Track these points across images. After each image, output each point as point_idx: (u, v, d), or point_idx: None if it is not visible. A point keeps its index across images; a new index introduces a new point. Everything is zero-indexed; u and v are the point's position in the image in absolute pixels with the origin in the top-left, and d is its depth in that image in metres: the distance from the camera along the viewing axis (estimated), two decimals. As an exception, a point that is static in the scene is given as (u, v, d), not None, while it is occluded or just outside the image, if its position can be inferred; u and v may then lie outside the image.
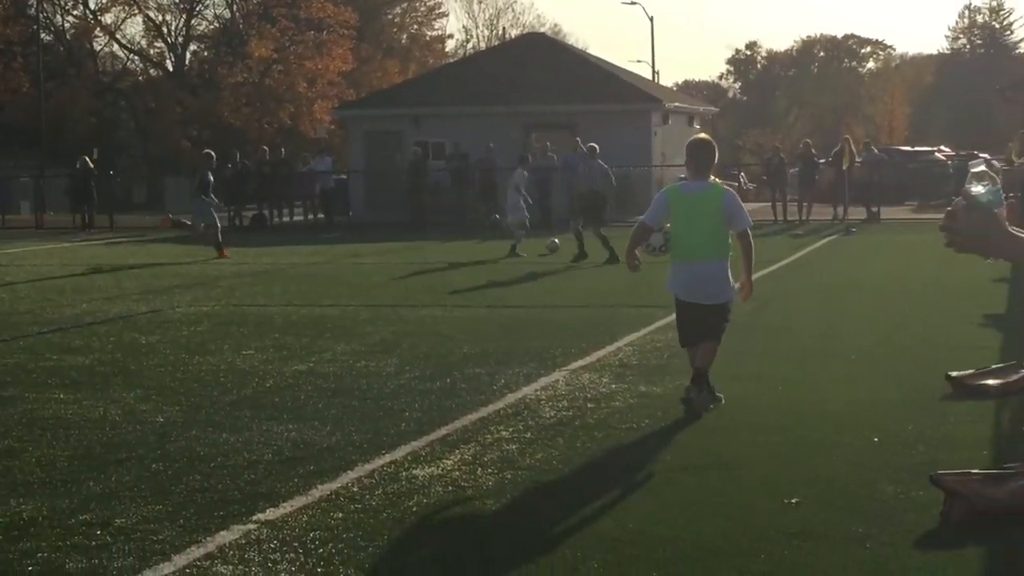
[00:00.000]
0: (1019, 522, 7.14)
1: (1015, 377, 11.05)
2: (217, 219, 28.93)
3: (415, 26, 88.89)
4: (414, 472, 8.68)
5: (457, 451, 9.27)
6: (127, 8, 70.92)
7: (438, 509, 7.80)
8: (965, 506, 7.18)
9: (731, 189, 11.01)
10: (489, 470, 8.70)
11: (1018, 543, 6.92)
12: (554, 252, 26.86)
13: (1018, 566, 6.61)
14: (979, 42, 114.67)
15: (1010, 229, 3.34)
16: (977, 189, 3.36)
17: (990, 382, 10.94)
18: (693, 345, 10.76)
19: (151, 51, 75.47)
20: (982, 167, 3.39)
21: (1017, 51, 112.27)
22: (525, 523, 7.52)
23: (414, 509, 7.79)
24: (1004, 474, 7.56)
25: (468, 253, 28.41)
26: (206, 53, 76.14)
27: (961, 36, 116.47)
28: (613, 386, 11.68)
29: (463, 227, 37.44)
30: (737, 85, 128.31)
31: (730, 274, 10.69)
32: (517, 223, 27.87)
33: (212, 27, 75.92)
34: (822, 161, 40.01)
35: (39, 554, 7.00)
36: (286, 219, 42.56)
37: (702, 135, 11.33)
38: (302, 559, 6.85)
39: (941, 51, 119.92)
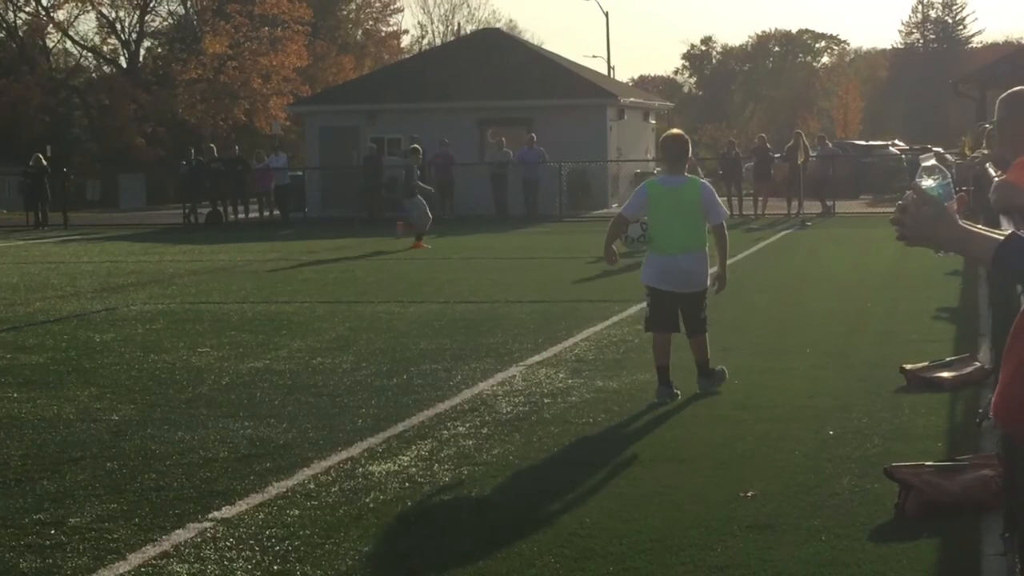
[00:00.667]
0: (972, 514, 7.20)
1: (968, 370, 11.13)
2: (428, 211, 28.94)
3: (370, 22, 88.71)
4: (370, 468, 8.67)
5: (414, 447, 9.26)
6: (80, 5, 70.42)
7: (395, 505, 7.79)
8: (919, 498, 7.22)
9: (708, 183, 11.44)
10: (446, 466, 8.70)
11: (970, 535, 6.97)
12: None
13: (970, 558, 6.66)
14: (932, 37, 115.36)
15: (960, 223, 3.37)
16: (927, 183, 3.38)
17: (944, 375, 11.01)
18: (661, 331, 10.98)
19: (104, 48, 74.97)
20: (932, 161, 3.41)
21: (970, 46, 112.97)
22: (482, 518, 7.52)
23: (371, 505, 7.79)
24: (957, 466, 7.62)
25: (424, 249, 28.35)
26: (160, 50, 75.67)
27: (914, 31, 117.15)
28: (570, 381, 11.69)
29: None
30: (692, 80, 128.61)
31: (707, 264, 11.04)
32: None
33: (166, 23, 75.47)
34: (777, 155, 40.13)
35: (-7, 554, 6.95)
36: (241, 216, 42.37)
37: (675, 131, 11.57)
38: (258, 557, 6.83)
39: (895, 46, 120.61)
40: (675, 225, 10.92)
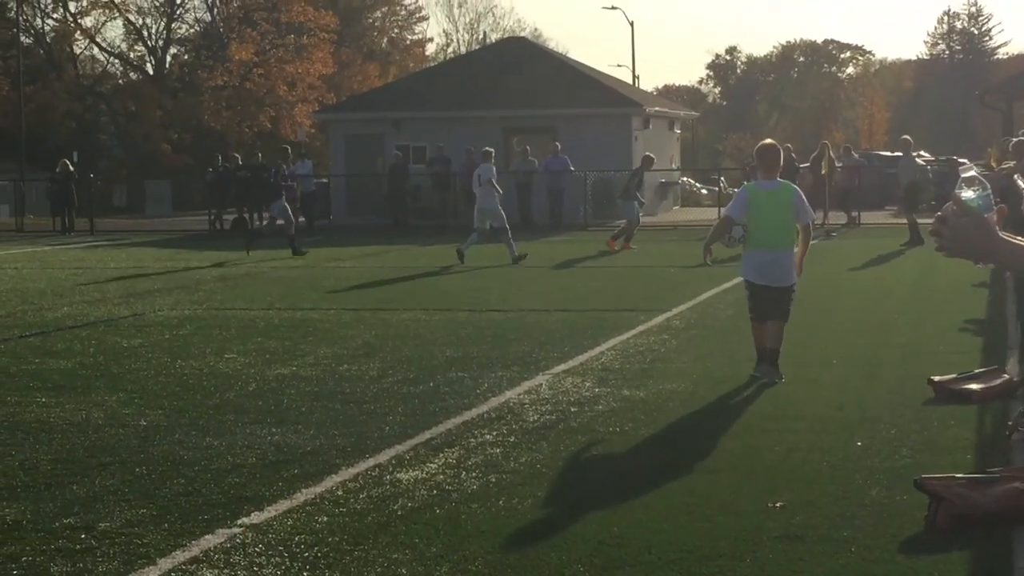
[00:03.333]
0: (1003, 527, 7.17)
1: (997, 382, 11.09)
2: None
3: (395, 30, 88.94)
4: (398, 476, 8.68)
5: (441, 455, 9.27)
6: (107, 11, 70.79)
7: (423, 513, 7.79)
8: (950, 510, 7.20)
9: (798, 188, 12.52)
10: (473, 474, 8.70)
11: (1002, 548, 6.94)
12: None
13: (1001, 571, 6.64)
14: (958, 48, 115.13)
15: (1001, 234, 3.35)
16: (967, 194, 3.37)
17: (972, 386, 10.97)
18: (762, 321, 12.14)
19: (131, 54, 75.32)
20: (972, 172, 3.40)
21: (995, 57, 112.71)
22: (510, 526, 7.52)
23: (399, 513, 7.79)
24: (988, 478, 7.59)
25: (449, 257, 28.37)
26: (186, 56, 75.98)
27: (940, 42, 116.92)
28: (596, 390, 11.69)
29: (444, 231, 37.38)
30: (717, 90, 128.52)
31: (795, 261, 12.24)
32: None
33: (192, 30, 75.80)
34: (803, 166, 40.05)
35: (23, 558, 6.98)
36: (267, 223, 42.43)
37: (768, 140, 12.72)
38: (287, 563, 6.84)
39: (920, 56, 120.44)
40: (773, 225, 12.07)
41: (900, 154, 32.22)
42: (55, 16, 72.00)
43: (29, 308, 19.14)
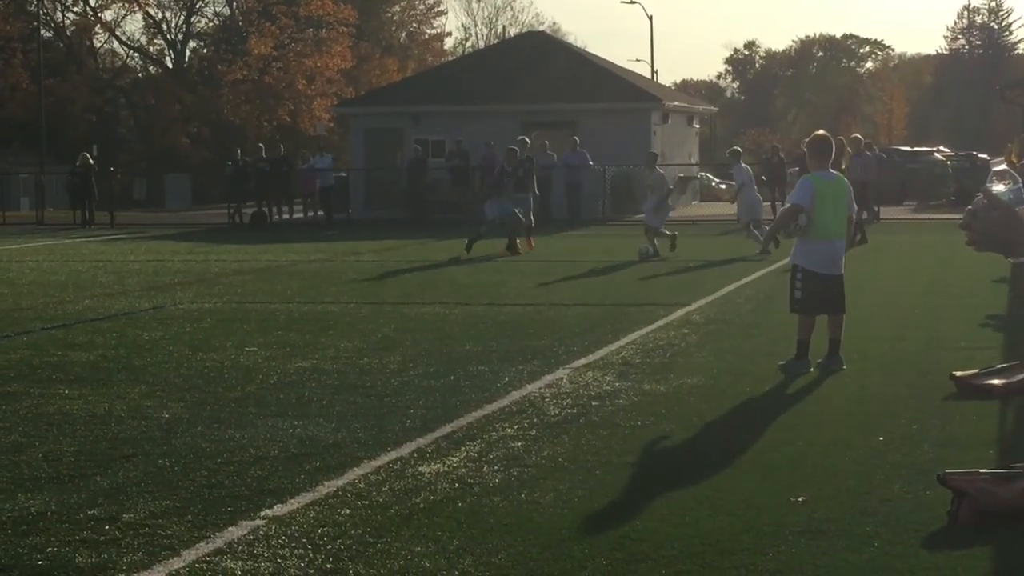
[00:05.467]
0: (1026, 521, 7.16)
1: (1019, 377, 11.06)
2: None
3: (414, 24, 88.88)
4: (420, 469, 8.69)
5: (463, 448, 9.28)
6: (127, 5, 70.88)
7: (445, 506, 7.81)
8: (973, 505, 7.19)
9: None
10: (495, 467, 8.72)
11: (1025, 542, 6.93)
12: (647, 259, 25.38)
13: (1025, 565, 6.63)
14: (978, 43, 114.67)
15: (1031, 227, 3.34)
16: (998, 188, 3.37)
17: (994, 382, 10.95)
18: (812, 313, 12.29)
19: (151, 48, 75.44)
20: (1003, 166, 3.41)
21: (1016, 51, 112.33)
22: (532, 520, 7.52)
23: (421, 506, 7.81)
24: (1011, 474, 7.57)
25: (461, 250, 28.36)
26: (206, 50, 76.07)
27: (960, 36, 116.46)
28: (617, 384, 11.69)
29: (463, 225, 37.35)
30: (735, 85, 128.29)
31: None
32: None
33: (212, 24, 75.87)
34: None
35: (48, 548, 7.01)
36: (286, 216, 42.53)
37: (821, 132, 12.97)
38: (311, 555, 6.86)
39: (940, 51, 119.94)
40: (834, 214, 12.28)
41: (853, 154, 31.56)
42: (75, 10, 72.15)
43: (51, 301, 19.19)
